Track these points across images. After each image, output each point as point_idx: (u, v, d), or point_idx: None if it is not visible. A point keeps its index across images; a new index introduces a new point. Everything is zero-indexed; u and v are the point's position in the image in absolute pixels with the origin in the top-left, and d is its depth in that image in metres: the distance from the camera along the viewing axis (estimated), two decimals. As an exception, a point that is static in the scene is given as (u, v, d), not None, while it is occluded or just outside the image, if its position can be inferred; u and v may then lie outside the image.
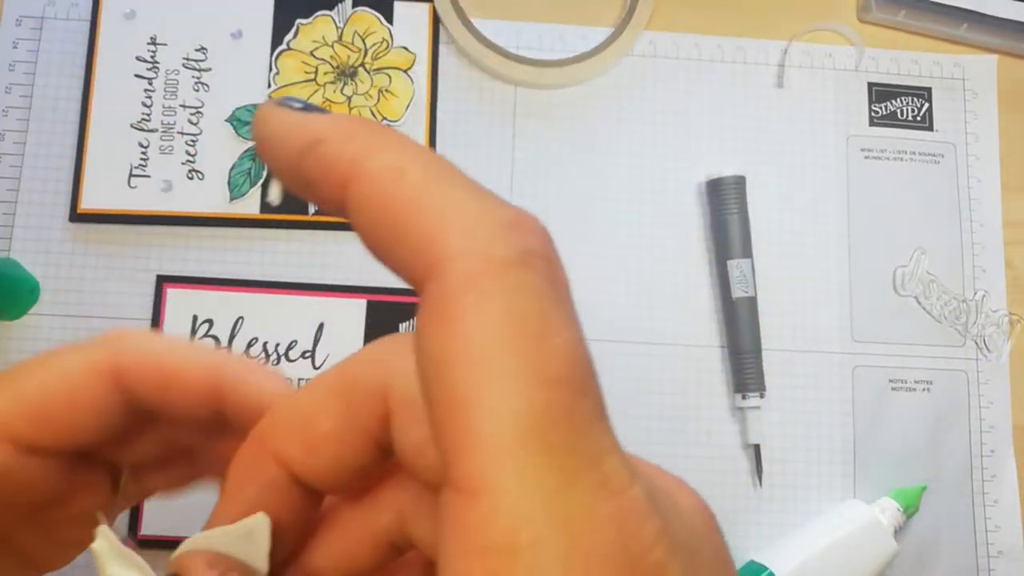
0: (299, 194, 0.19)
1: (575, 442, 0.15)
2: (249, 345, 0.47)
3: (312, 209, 0.48)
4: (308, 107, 0.18)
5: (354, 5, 0.51)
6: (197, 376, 0.23)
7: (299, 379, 0.47)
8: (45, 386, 0.22)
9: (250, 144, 0.49)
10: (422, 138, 0.50)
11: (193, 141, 0.49)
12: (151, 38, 0.50)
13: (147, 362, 0.23)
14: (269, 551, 0.20)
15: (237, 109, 0.49)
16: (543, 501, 0.14)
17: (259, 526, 0.21)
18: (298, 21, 0.50)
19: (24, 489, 0.22)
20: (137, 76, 0.49)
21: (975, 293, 0.50)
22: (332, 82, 0.49)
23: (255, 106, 0.49)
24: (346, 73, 0.50)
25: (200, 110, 0.49)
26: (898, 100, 0.52)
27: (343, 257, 0.48)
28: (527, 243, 0.16)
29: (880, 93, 0.52)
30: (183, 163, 0.49)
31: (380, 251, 0.17)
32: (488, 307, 0.15)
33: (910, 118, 0.52)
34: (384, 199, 0.17)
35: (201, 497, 0.28)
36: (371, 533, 0.20)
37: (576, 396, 0.15)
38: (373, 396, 0.19)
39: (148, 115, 0.49)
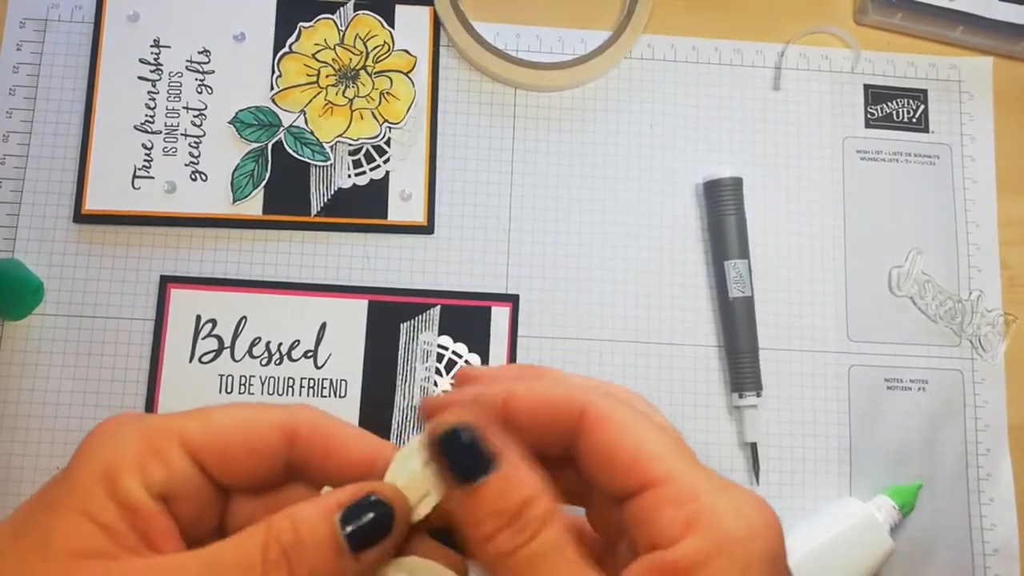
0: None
1: None
2: (252, 345, 0.47)
3: (314, 210, 0.49)
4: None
5: (356, 8, 0.51)
6: (360, 454, 0.27)
7: (301, 378, 0.47)
8: (232, 426, 0.26)
9: (253, 146, 0.49)
10: (423, 140, 0.50)
11: (196, 143, 0.49)
12: (154, 40, 0.50)
13: (321, 431, 0.27)
14: None
15: (240, 111, 0.49)
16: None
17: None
18: (300, 24, 0.50)
19: (189, 510, 0.25)
20: (140, 78, 0.50)
21: (970, 293, 0.51)
22: (334, 84, 0.50)
23: (258, 108, 0.50)
24: (348, 76, 0.50)
25: (203, 112, 0.50)
26: (894, 102, 0.53)
27: (344, 258, 0.49)
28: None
29: (876, 95, 0.53)
30: (186, 164, 0.49)
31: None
32: None
33: (906, 120, 0.52)
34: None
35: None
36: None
37: None
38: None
39: (151, 117, 0.49)
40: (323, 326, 0.48)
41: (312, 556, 0.23)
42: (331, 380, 0.47)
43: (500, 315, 0.49)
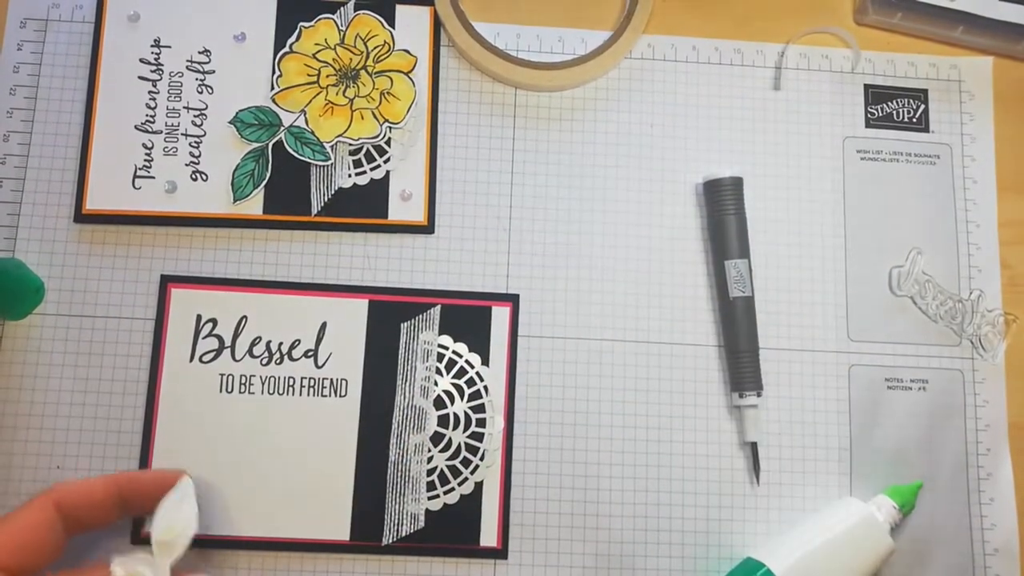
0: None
1: None
2: (252, 344, 0.47)
3: (315, 210, 0.49)
4: None
5: (356, 8, 0.51)
6: (106, 483, 0.40)
7: (301, 378, 0.47)
8: (16, 522, 0.37)
9: (253, 146, 0.49)
10: (423, 140, 0.50)
11: (197, 143, 0.49)
12: (155, 40, 0.50)
13: (73, 485, 0.39)
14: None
15: (240, 111, 0.49)
16: None
17: (187, 485, 0.41)
18: (300, 24, 0.51)
19: None
20: (141, 78, 0.50)
21: (971, 293, 0.51)
22: (334, 84, 0.50)
23: (258, 108, 0.50)
24: (348, 76, 0.50)
25: (204, 112, 0.50)
26: (894, 102, 0.53)
27: (345, 257, 0.49)
28: None
29: (876, 95, 0.53)
30: (187, 164, 0.49)
31: None
32: None
33: (906, 120, 0.52)
34: None
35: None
36: None
37: None
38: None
39: (152, 117, 0.49)
40: (323, 326, 0.48)
41: None
42: (331, 380, 0.47)
43: (500, 315, 0.49)
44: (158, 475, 0.42)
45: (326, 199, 0.49)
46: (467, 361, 0.48)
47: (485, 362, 0.48)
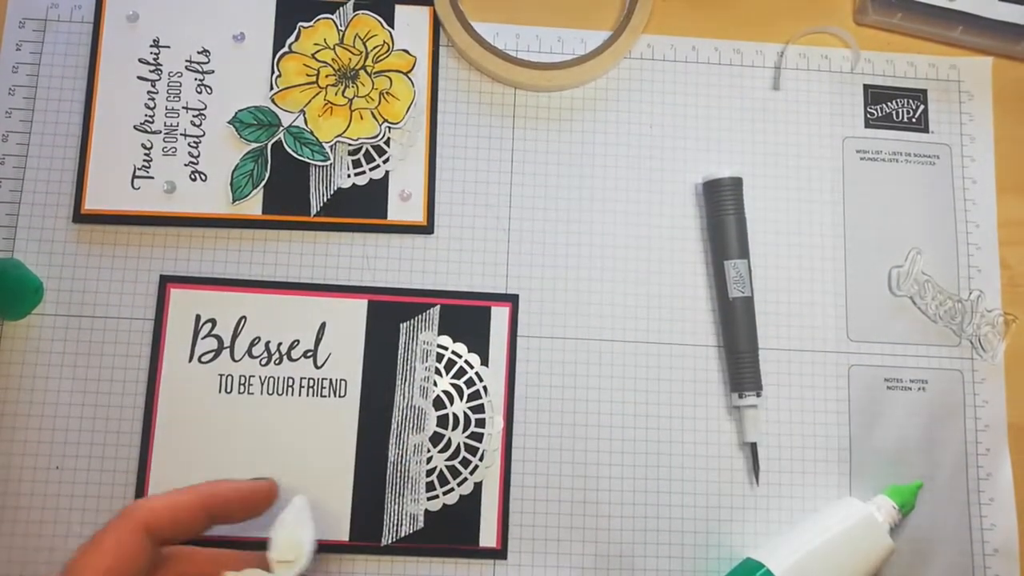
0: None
1: None
2: (251, 344, 0.47)
3: (314, 210, 0.49)
4: None
5: (355, 8, 0.51)
6: (191, 501, 0.38)
7: (300, 378, 0.47)
8: (110, 552, 0.35)
9: (252, 146, 0.49)
10: (423, 140, 0.50)
11: (196, 143, 0.49)
12: (154, 40, 0.50)
13: (160, 505, 0.37)
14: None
15: (239, 111, 0.49)
16: None
17: (302, 503, 0.41)
18: (300, 24, 0.50)
19: None
20: (140, 78, 0.50)
21: (970, 293, 0.51)
22: (333, 84, 0.50)
23: (257, 108, 0.50)
24: (347, 76, 0.50)
25: (203, 112, 0.50)
26: (894, 102, 0.53)
27: (344, 258, 0.49)
28: None
29: (876, 95, 0.53)
30: (186, 164, 0.49)
31: None
32: None
33: (906, 120, 0.52)
34: None
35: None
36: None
37: None
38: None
39: (151, 117, 0.49)
40: (323, 326, 0.48)
41: None
42: (331, 380, 0.47)
43: (500, 315, 0.49)
44: (244, 487, 0.41)
45: (325, 199, 0.49)
46: (466, 361, 0.48)
47: (484, 362, 0.48)
